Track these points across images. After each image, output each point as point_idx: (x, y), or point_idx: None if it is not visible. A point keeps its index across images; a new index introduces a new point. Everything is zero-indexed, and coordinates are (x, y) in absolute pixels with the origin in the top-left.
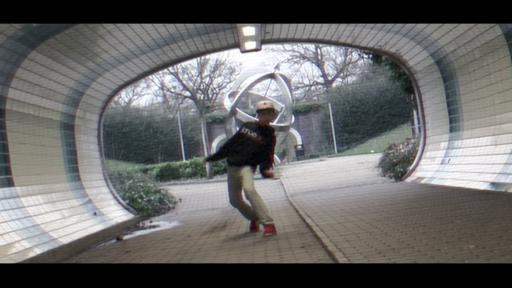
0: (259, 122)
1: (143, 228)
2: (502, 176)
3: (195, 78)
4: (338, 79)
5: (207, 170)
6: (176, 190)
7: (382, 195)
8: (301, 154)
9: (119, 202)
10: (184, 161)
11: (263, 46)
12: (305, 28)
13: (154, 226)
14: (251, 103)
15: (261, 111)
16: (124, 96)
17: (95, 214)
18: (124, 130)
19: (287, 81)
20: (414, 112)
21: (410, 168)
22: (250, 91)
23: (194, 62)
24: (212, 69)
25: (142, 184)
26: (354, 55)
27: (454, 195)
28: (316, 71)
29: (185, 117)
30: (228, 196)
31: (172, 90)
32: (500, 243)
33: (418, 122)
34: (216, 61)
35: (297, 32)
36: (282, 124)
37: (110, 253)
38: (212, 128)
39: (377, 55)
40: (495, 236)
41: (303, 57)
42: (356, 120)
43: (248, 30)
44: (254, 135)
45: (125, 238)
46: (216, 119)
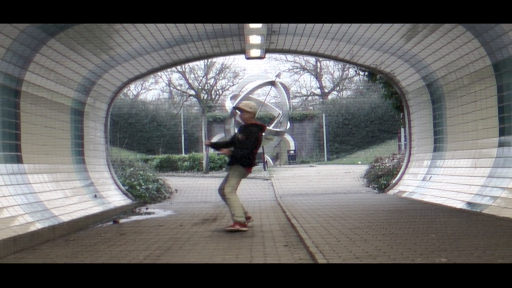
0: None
1: (139, 213)
2: (478, 197)
3: (201, 78)
4: (334, 92)
5: (204, 165)
6: (173, 181)
7: (365, 204)
8: (293, 159)
9: (119, 187)
10: (183, 155)
11: (267, 55)
12: (307, 41)
13: (149, 213)
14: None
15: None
16: (133, 89)
17: (96, 196)
18: (130, 121)
19: (286, 89)
20: (402, 129)
21: (393, 181)
22: (251, 96)
23: (201, 63)
24: (217, 71)
25: (142, 172)
26: (351, 71)
27: (432, 211)
28: (314, 83)
29: (188, 114)
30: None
31: (178, 87)
32: (470, 259)
33: (405, 139)
34: (221, 64)
35: (300, 44)
36: (278, 129)
37: (106, 234)
38: (212, 126)
39: (372, 73)
40: (467, 252)
41: (303, 68)
42: (347, 132)
43: (254, 38)
44: (239, 135)
45: (121, 221)
46: (216, 119)
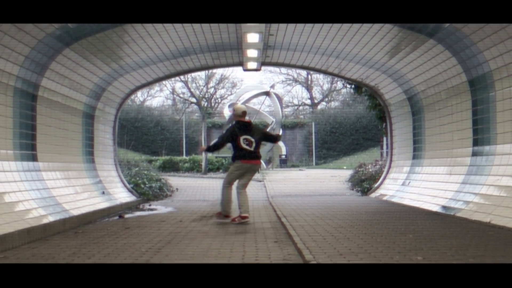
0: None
1: (143, 209)
2: (453, 201)
3: (202, 87)
4: (323, 103)
5: (203, 166)
6: (174, 180)
7: (349, 206)
8: (284, 163)
9: (125, 185)
10: (184, 157)
11: (263, 67)
12: (300, 56)
13: (152, 209)
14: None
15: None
16: (139, 95)
17: (103, 193)
18: (136, 125)
19: (280, 99)
20: (384, 138)
21: (375, 185)
22: (247, 104)
23: (202, 74)
24: (217, 81)
25: (146, 172)
26: (339, 84)
27: (410, 213)
28: (305, 94)
29: (189, 119)
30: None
31: (181, 95)
32: (444, 258)
33: (387, 147)
34: (221, 75)
35: (293, 58)
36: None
37: (112, 227)
38: (211, 131)
39: (358, 86)
40: (441, 251)
41: (296, 80)
42: (334, 139)
43: (251, 52)
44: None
45: (126, 216)
46: (215, 124)
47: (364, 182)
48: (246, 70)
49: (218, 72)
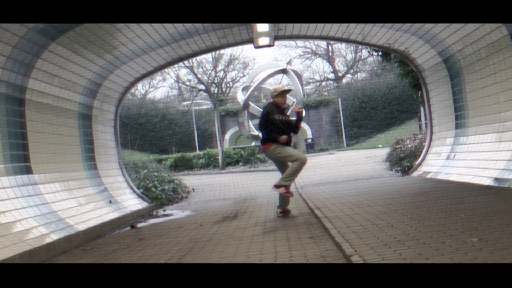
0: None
1: (157, 216)
2: (506, 172)
3: (210, 72)
4: (348, 75)
5: (220, 161)
6: (189, 180)
7: (389, 189)
8: (311, 147)
9: (134, 191)
10: (197, 152)
11: (276, 42)
12: (317, 25)
13: (167, 215)
14: (264, 97)
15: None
16: (140, 88)
17: (111, 202)
18: (140, 121)
19: (299, 76)
20: (421, 108)
21: (417, 162)
22: (262, 86)
23: (208, 56)
24: (226, 63)
25: (156, 173)
26: (364, 53)
27: (459, 190)
28: (327, 67)
29: (199, 109)
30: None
31: (187, 83)
32: (502, 237)
33: (425, 119)
34: (230, 55)
35: (309, 29)
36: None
37: (124, 240)
38: (225, 120)
39: (386, 53)
40: (498, 230)
41: (315, 53)
42: (365, 115)
43: (261, 26)
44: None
45: (139, 225)
46: (229, 112)
47: (403, 160)
48: (257, 47)
49: (227, 52)
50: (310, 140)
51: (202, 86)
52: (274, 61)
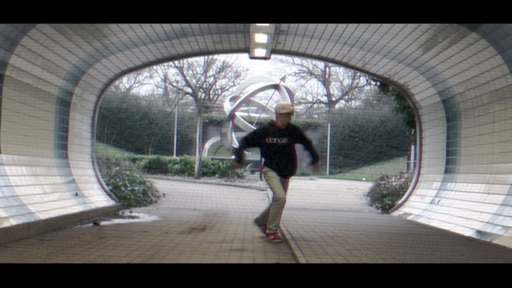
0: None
1: (122, 217)
2: (490, 226)
3: (199, 76)
4: (342, 101)
5: (196, 169)
6: (161, 184)
7: (366, 225)
8: None
9: (102, 187)
10: (174, 157)
11: (273, 56)
12: (317, 44)
13: (133, 217)
14: (251, 111)
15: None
16: (125, 82)
17: (77, 194)
18: (119, 116)
19: (291, 94)
20: (412, 147)
21: (399, 202)
22: (252, 98)
23: (201, 59)
24: (217, 69)
25: (128, 172)
26: (362, 80)
27: (438, 237)
28: (321, 90)
29: (182, 113)
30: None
31: (174, 84)
32: None
33: (415, 158)
34: (223, 62)
35: (309, 47)
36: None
37: (85, 236)
38: (208, 128)
39: (384, 84)
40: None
41: (311, 73)
42: (353, 145)
43: (260, 37)
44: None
45: (102, 223)
46: (213, 120)
47: (385, 198)
48: (253, 58)
49: (220, 58)
50: None
51: (189, 90)
52: (267, 74)
